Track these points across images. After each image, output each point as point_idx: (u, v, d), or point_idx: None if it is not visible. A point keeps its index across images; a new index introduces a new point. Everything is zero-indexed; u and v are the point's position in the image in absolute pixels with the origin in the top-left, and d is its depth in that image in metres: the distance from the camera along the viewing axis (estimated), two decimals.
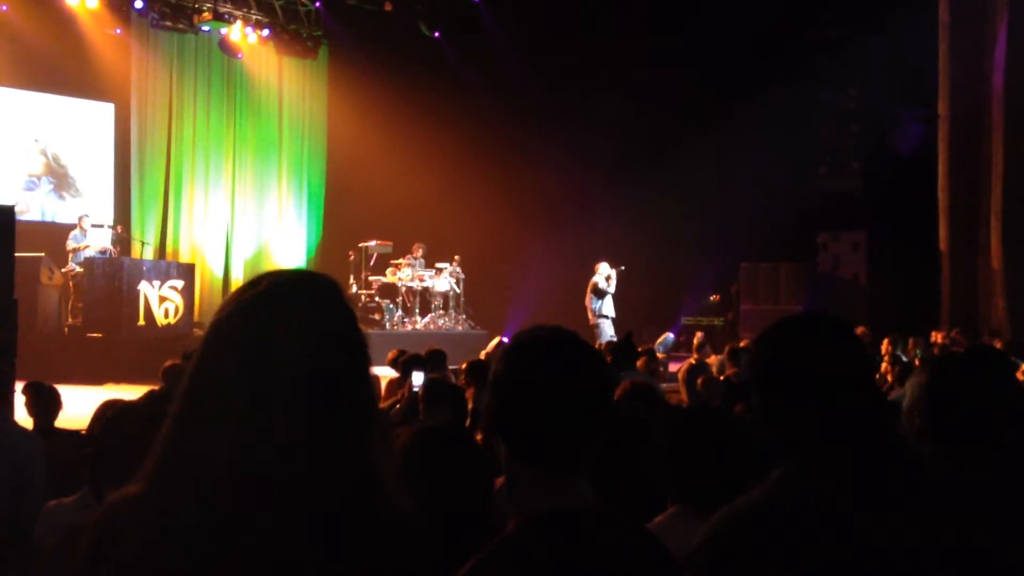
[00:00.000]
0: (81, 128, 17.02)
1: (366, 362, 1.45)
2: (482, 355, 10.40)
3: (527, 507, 1.68)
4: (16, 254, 8.91)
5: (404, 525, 1.41)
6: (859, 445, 1.68)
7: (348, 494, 1.36)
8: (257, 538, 1.32)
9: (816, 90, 17.42)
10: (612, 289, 14.70)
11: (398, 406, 6.32)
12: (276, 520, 1.32)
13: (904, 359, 9.32)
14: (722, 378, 7.49)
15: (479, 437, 3.06)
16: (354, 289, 16.45)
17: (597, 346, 11.33)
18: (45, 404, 5.45)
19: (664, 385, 9.01)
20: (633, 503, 2.63)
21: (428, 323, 16.68)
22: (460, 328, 16.99)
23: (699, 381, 7.19)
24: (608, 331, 14.25)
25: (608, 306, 14.64)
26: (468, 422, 5.46)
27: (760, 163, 16.63)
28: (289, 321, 1.38)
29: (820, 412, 1.68)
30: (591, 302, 14.69)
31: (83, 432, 5.73)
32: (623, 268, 14.89)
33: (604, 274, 14.73)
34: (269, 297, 1.41)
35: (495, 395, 1.72)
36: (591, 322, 14.47)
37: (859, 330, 11.08)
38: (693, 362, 8.16)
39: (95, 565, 1.36)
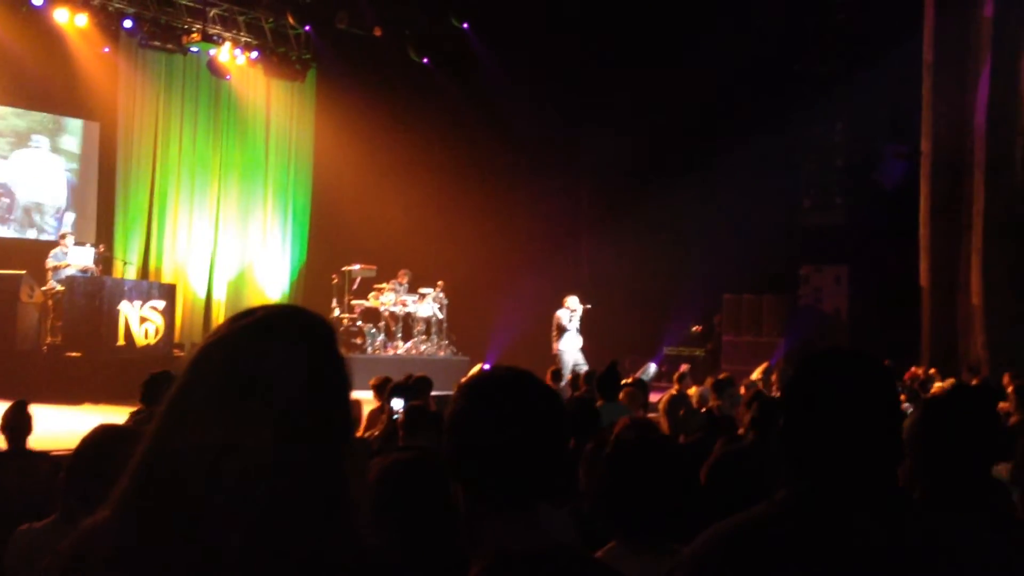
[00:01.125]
0: (65, 146, 16.97)
1: (346, 400, 1.46)
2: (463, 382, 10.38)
3: (486, 548, 1.66)
4: None
5: (366, 559, 1.41)
6: (873, 480, 1.69)
7: (314, 530, 1.36)
8: (220, 568, 1.31)
9: (802, 125, 17.56)
10: (574, 326, 14.30)
11: (376, 433, 6.29)
12: (239, 552, 1.31)
13: None
14: (703, 410, 7.49)
15: None
16: (336, 313, 16.41)
17: (561, 374, 11.24)
18: (18, 424, 5.36)
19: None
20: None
21: (410, 348, 16.64)
22: (442, 354, 16.97)
23: (681, 412, 7.20)
24: (568, 365, 13.78)
25: (568, 341, 14.27)
26: None
27: (745, 196, 16.72)
28: (277, 353, 1.39)
29: (846, 442, 1.69)
30: (555, 336, 14.41)
31: (52, 453, 5.67)
32: (590, 307, 14.47)
33: (571, 308, 14.37)
34: (261, 328, 1.42)
35: (452, 435, 1.71)
36: (555, 358, 14.21)
37: None
38: (674, 393, 8.18)
39: None
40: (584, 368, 12.49)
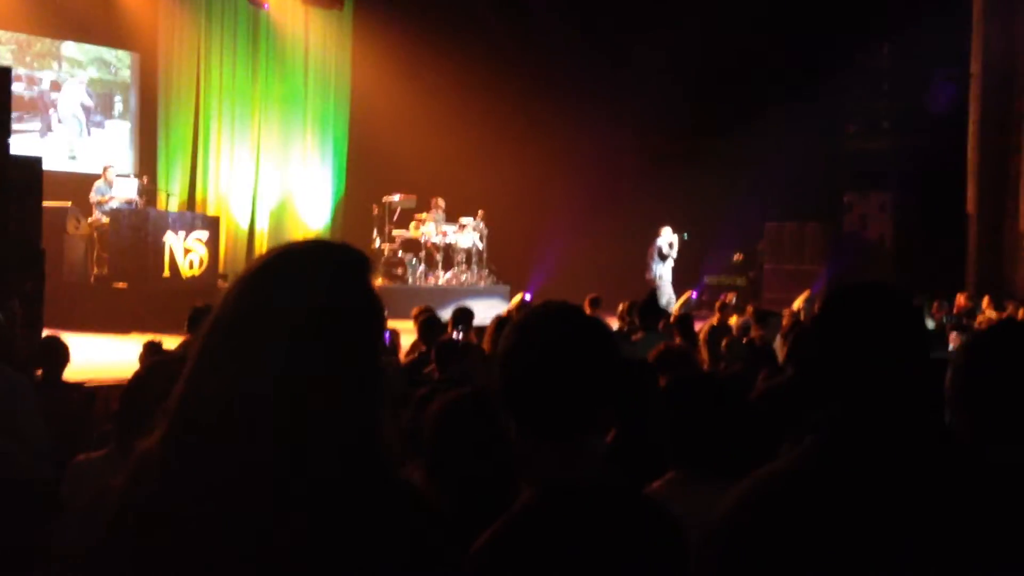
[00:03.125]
0: (107, 77, 17.04)
1: (376, 330, 1.49)
2: (505, 312, 10.44)
3: (535, 476, 1.71)
4: (43, 203, 9.03)
5: (402, 492, 1.44)
6: (906, 420, 1.64)
7: (345, 460, 1.38)
8: (256, 505, 1.35)
9: (848, 49, 17.17)
10: (674, 254, 15.25)
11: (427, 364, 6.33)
12: (275, 486, 1.35)
13: (932, 323, 9.22)
14: (744, 340, 7.44)
15: None
16: (377, 243, 16.45)
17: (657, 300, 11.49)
18: (52, 356, 5.49)
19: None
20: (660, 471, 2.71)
21: (451, 279, 16.69)
22: (483, 284, 17.01)
23: (723, 343, 7.15)
24: (668, 293, 14.78)
25: (667, 270, 15.16)
26: None
27: (788, 122, 16.46)
28: (301, 287, 1.42)
29: (875, 380, 1.64)
30: (652, 265, 15.16)
31: (85, 384, 5.78)
32: (686, 236, 15.38)
33: (667, 239, 15.16)
34: (285, 264, 1.45)
35: (503, 371, 1.75)
36: (649, 284, 14.74)
37: None
38: (715, 323, 8.14)
39: (116, 529, 1.41)
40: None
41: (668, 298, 14.24)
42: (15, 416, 4.14)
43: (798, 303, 10.04)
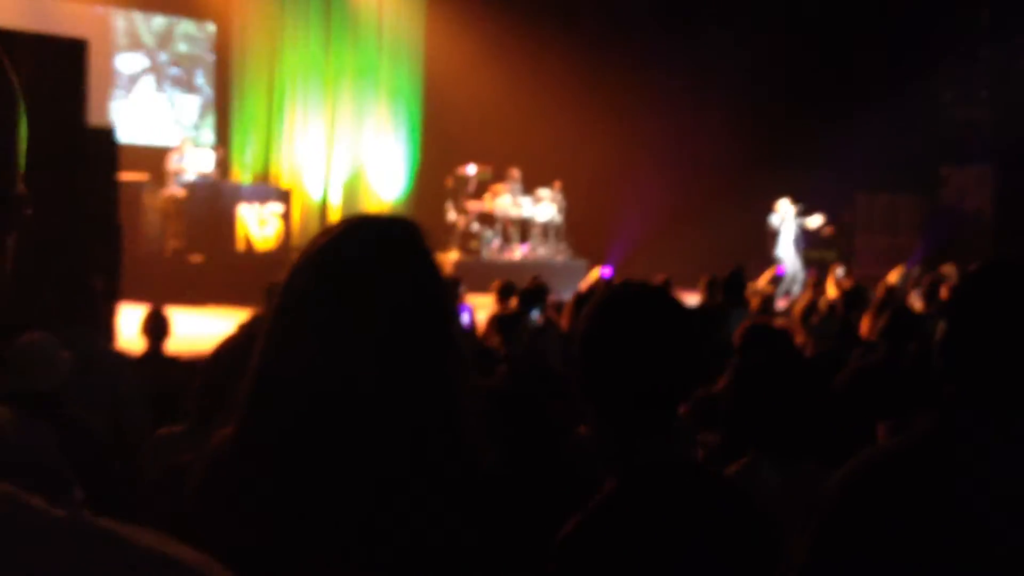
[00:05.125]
0: (183, 48, 17.14)
1: (446, 307, 1.47)
2: (581, 287, 10.20)
3: (619, 462, 1.71)
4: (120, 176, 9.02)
5: (482, 469, 1.42)
6: None
7: (428, 448, 1.37)
8: (336, 495, 1.33)
9: (944, 12, 16.49)
10: (786, 228, 14.41)
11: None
12: (354, 477, 1.33)
13: None
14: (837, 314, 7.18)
15: None
16: (452, 216, 16.25)
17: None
18: (156, 329, 5.61)
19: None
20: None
21: (527, 252, 16.45)
22: (560, 258, 16.75)
23: (814, 320, 6.92)
24: (792, 269, 14.12)
25: (783, 246, 14.35)
26: None
27: (880, 88, 15.91)
28: (369, 264, 1.41)
29: (1012, 362, 1.55)
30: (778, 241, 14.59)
31: (182, 358, 5.78)
32: (800, 206, 14.63)
33: (780, 213, 14.49)
34: (352, 240, 1.45)
35: (584, 354, 1.74)
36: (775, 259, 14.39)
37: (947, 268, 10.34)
38: (811, 299, 7.85)
39: (200, 512, 1.41)
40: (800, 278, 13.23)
41: (794, 274, 13.66)
42: (114, 391, 4.29)
43: (894, 277, 9.58)
